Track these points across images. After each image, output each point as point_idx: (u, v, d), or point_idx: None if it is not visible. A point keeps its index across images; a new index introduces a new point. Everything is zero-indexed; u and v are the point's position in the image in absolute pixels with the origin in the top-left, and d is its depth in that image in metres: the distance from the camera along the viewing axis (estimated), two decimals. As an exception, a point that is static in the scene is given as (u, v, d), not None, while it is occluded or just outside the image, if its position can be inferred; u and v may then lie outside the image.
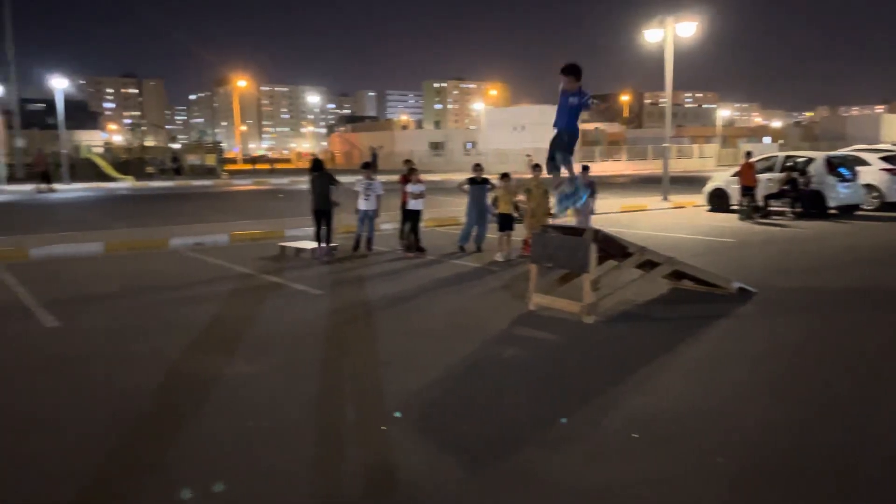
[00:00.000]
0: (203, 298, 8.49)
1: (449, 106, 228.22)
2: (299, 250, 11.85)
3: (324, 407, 4.89)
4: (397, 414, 3.50)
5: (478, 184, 12.31)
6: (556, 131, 6.91)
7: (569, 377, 5.54)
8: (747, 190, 17.26)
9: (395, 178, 13.97)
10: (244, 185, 36.11)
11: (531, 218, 11.36)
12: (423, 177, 12.76)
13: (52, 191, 29.51)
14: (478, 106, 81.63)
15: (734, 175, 18.37)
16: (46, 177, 30.24)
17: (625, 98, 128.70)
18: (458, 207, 18.72)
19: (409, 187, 12.08)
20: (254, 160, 70.93)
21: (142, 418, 4.69)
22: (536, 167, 11.71)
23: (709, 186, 19.79)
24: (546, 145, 7.09)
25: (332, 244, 11.67)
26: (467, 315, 7.61)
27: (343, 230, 14.34)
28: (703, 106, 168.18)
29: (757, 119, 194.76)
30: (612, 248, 7.71)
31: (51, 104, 49.30)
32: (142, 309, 7.93)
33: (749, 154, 18.26)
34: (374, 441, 4.33)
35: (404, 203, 12.31)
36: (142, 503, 3.58)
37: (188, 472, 3.87)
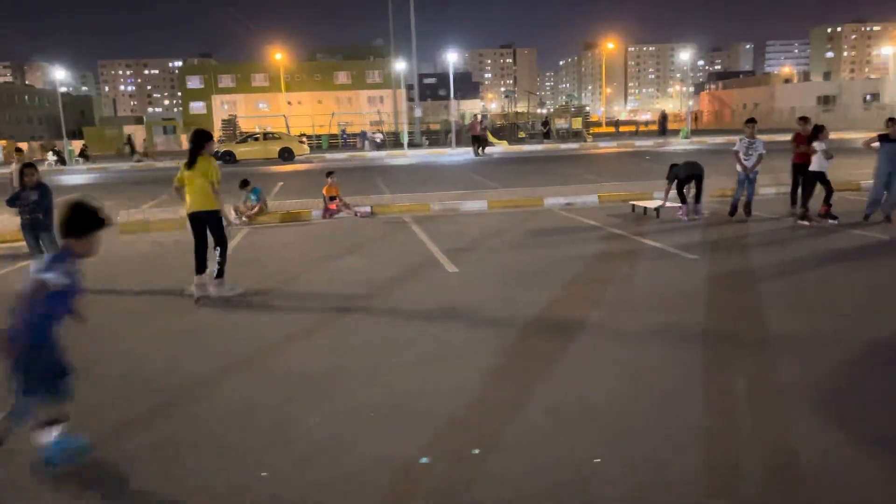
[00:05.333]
0: (579, 255, 8.79)
1: (844, 54, 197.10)
2: (657, 210, 11.66)
3: (710, 375, 4.67)
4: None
5: (891, 142, 10.38)
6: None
7: None
8: None
9: (782, 137, 12.55)
10: (608, 147, 36.37)
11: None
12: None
13: (484, 154, 31.03)
14: (884, 51, 68.73)
15: None
16: (479, 141, 32.06)
17: None
18: (860, 170, 16.18)
19: (817, 144, 10.63)
20: (616, 123, 70.78)
21: (523, 357, 5.07)
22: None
23: None
24: None
25: (698, 205, 11.39)
26: (881, 294, 6.53)
27: (717, 194, 13.50)
28: None
29: None
30: None
31: (441, 77, 55.84)
32: (523, 261, 8.55)
33: None
34: (771, 420, 3.99)
35: (800, 164, 11.03)
36: (534, 425, 3.87)
37: (577, 402, 4.07)
